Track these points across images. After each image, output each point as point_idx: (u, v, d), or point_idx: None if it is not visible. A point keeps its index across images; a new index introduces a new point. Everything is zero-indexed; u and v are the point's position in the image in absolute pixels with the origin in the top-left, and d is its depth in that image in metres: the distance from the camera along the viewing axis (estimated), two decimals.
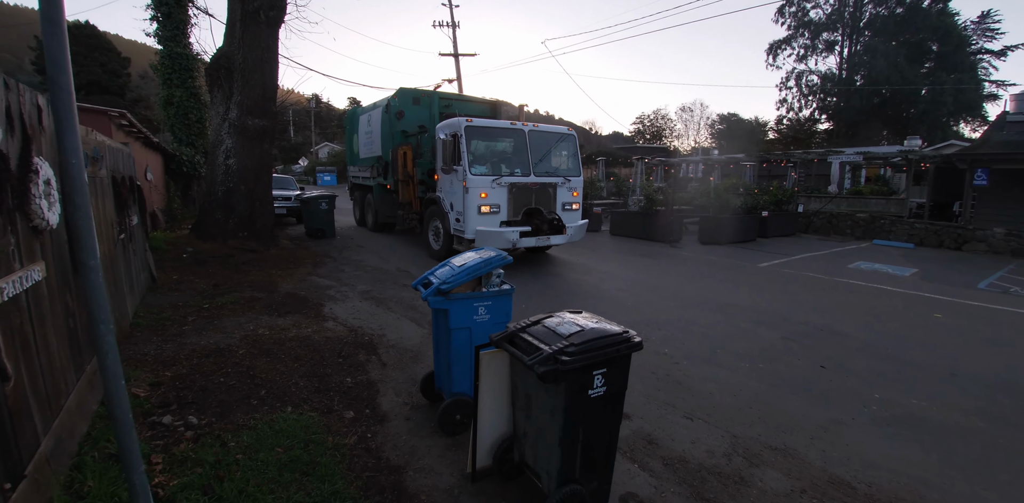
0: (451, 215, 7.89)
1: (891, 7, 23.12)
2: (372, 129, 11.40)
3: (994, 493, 2.63)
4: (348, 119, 13.73)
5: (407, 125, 9.96)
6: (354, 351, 4.27)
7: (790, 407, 3.54)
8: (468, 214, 7.44)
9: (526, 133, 8.00)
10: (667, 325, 5.38)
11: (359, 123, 12.58)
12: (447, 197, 8.06)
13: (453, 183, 7.74)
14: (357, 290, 6.49)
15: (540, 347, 1.94)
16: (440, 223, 8.37)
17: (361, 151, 12.56)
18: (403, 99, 10.16)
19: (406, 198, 9.82)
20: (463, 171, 7.41)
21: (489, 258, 2.78)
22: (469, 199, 7.40)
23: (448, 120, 8.02)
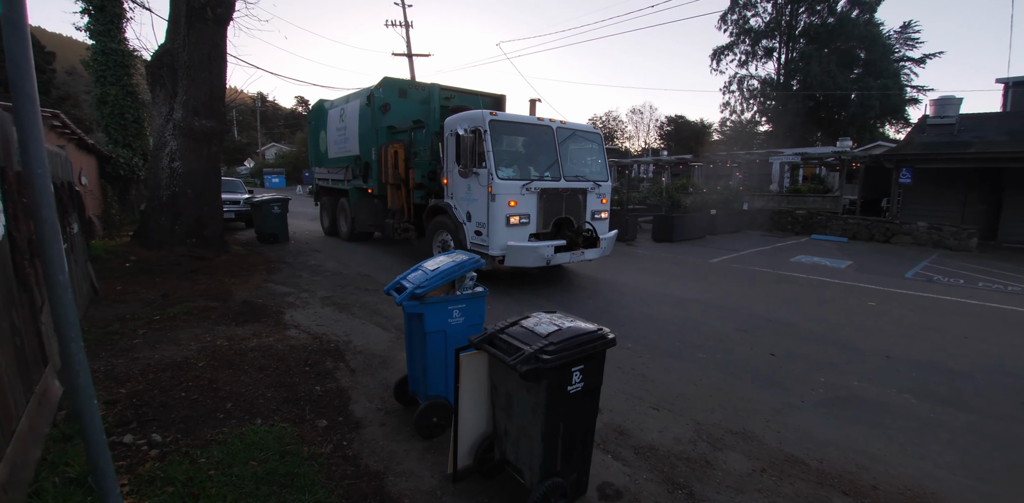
0: (467, 227, 6.71)
1: (823, 17, 24.77)
2: (346, 125, 10.14)
3: (928, 462, 2.92)
4: (313, 114, 12.25)
5: (395, 120, 8.93)
6: (321, 359, 4.18)
7: (746, 393, 3.78)
8: (494, 226, 6.25)
9: (554, 130, 6.91)
10: (629, 321, 5.58)
11: (327, 119, 11.29)
12: (462, 205, 6.83)
13: (472, 189, 6.56)
14: (318, 296, 6.34)
15: (520, 347, 2.01)
16: (450, 236, 7.13)
17: (331, 150, 11.27)
18: (388, 90, 8.98)
19: (396, 204, 8.63)
20: (488, 175, 6.22)
21: (462, 261, 2.82)
22: (496, 208, 6.20)
23: (465, 113, 6.80)
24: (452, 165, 6.81)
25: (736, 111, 33.60)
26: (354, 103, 9.79)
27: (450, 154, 6.87)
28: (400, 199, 8.63)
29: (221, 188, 9.03)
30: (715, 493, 2.55)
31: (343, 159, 10.53)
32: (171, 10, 7.87)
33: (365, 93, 9.27)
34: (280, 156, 47.05)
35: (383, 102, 8.81)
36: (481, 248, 6.50)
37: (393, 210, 8.74)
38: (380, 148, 8.48)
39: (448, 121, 7.01)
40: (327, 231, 12.41)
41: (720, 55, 32.10)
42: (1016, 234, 14.19)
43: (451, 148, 6.81)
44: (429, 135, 7.86)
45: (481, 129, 6.32)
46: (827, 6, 25.04)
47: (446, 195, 7.19)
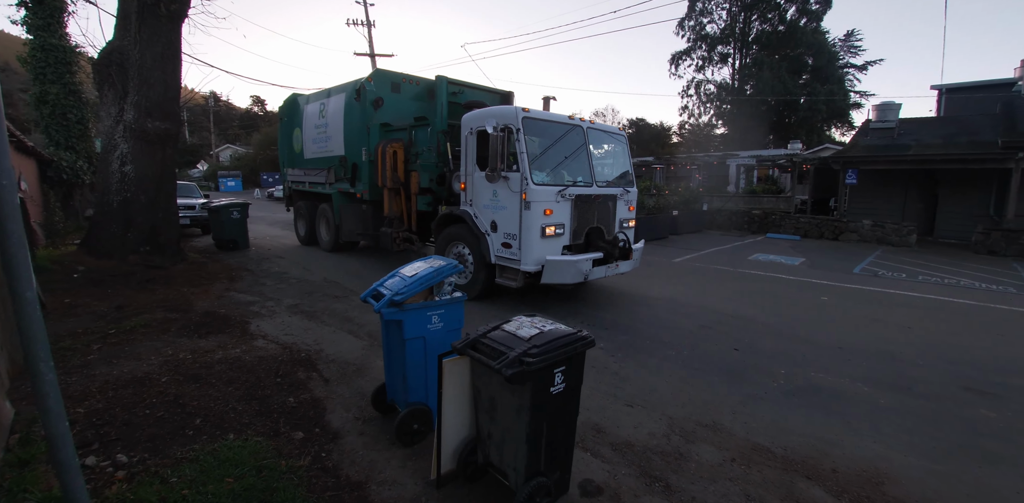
0: (492, 238, 5.99)
1: (774, 24, 26.02)
2: (328, 122, 9.23)
3: (881, 445, 3.14)
4: (286, 110, 11.04)
5: (388, 116, 8.11)
6: (292, 369, 4.09)
7: (714, 387, 3.94)
8: (528, 238, 5.53)
9: (585, 130, 6.32)
10: (599, 320, 5.71)
11: (303, 115, 10.21)
12: (484, 213, 6.07)
13: (499, 195, 5.82)
14: (284, 304, 6.17)
15: (504, 351, 2.05)
16: (467, 248, 6.40)
17: (308, 150, 10.16)
18: (380, 84, 8.11)
19: (395, 211, 7.77)
20: (521, 179, 5.53)
21: (440, 267, 2.83)
22: (530, 218, 5.49)
23: (492, 109, 6.09)
24: (472, 168, 6.13)
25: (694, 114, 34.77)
26: (338, 98, 8.85)
27: (470, 155, 6.15)
28: (399, 205, 7.82)
29: (176, 192, 8.65)
30: (689, 484, 2.66)
31: (324, 160, 9.60)
32: (120, 5, 7.50)
33: (352, 86, 8.38)
34: (236, 158, 45.35)
35: (375, 97, 7.97)
36: (510, 262, 5.80)
37: (391, 217, 7.80)
38: (376, 148, 7.66)
39: (468, 118, 6.24)
40: (303, 240, 11.21)
41: (678, 60, 33.15)
42: (950, 230, 15.29)
43: (471, 149, 6.11)
44: (434, 134, 7.06)
45: (513, 127, 5.58)
46: (777, 14, 26.33)
47: (463, 202, 6.41)
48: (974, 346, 5.22)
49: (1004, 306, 7.12)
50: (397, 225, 7.84)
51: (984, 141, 13.70)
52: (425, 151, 7.30)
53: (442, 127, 7.04)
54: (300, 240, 11.41)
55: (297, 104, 10.60)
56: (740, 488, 2.64)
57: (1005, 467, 2.95)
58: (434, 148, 7.12)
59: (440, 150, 7.01)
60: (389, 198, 7.76)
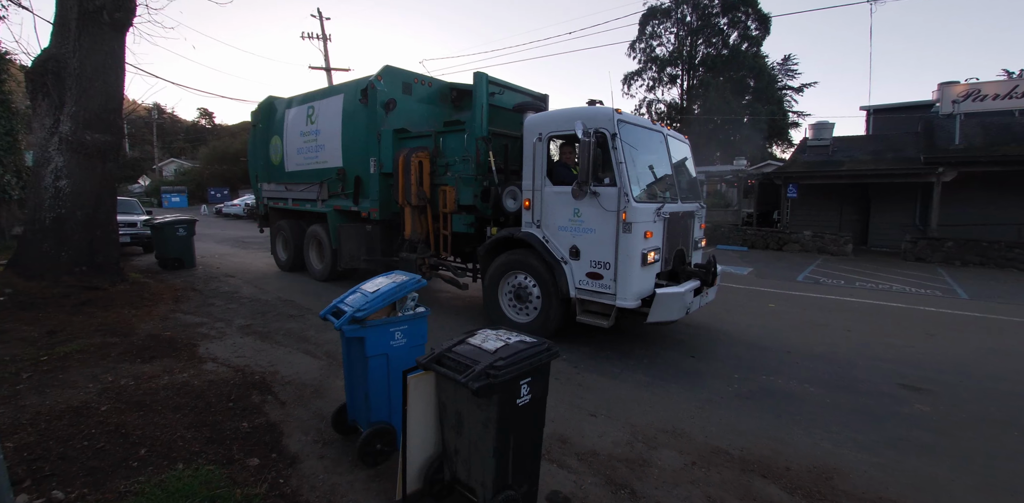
0: (572, 267, 4.96)
1: (718, 48, 27.68)
2: (319, 128, 8.05)
3: (828, 442, 3.32)
4: (261, 115, 9.62)
5: (403, 120, 7.04)
6: (245, 393, 3.91)
7: (672, 393, 4.06)
8: (627, 267, 4.56)
9: (665, 137, 5.60)
10: (560, 332, 5.78)
11: (285, 121, 8.91)
12: (561, 236, 5.02)
13: (583, 214, 4.85)
14: (235, 325, 5.91)
15: (470, 365, 2.05)
16: (531, 278, 5.32)
17: (291, 161, 8.87)
18: (390, 83, 7.02)
19: (420, 232, 6.55)
20: (620, 195, 4.57)
21: (403, 282, 2.82)
22: (630, 242, 4.52)
23: (575, 109, 5.07)
24: (542, 181, 5.17)
25: None
26: (333, 100, 7.75)
27: (538, 166, 5.18)
28: (424, 225, 6.59)
29: (117, 209, 8.17)
30: (654, 489, 2.72)
31: (313, 172, 8.32)
32: (58, 11, 7.11)
33: (354, 86, 7.33)
34: (181, 173, 43.39)
35: (387, 98, 6.88)
36: (599, 297, 4.78)
37: (414, 241, 6.53)
38: (397, 158, 6.44)
39: (535, 121, 5.29)
40: (285, 266, 9.58)
41: (631, 80, 34.53)
42: (882, 240, 16.48)
43: (540, 158, 5.17)
44: (472, 141, 5.96)
45: (608, 132, 4.68)
46: (721, 39, 28.02)
47: (526, 222, 5.34)
48: (907, 346, 5.62)
49: (932, 308, 7.73)
50: (423, 250, 6.53)
51: (908, 157, 14.95)
52: (458, 162, 6.19)
53: (480, 133, 5.91)
54: (280, 266, 9.79)
55: (275, 108, 9.33)
56: (701, 491, 2.72)
57: (939, 456, 3.18)
58: (471, 158, 5.97)
59: (479, 160, 5.90)
60: (413, 217, 6.46)
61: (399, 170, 6.36)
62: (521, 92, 7.03)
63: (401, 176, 6.38)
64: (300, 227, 9.16)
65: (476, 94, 6.07)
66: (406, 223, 6.56)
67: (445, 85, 7.74)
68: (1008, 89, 14.60)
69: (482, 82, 6.06)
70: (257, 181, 10.08)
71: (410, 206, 6.43)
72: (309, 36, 22.92)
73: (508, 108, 6.42)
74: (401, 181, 6.39)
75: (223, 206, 29.15)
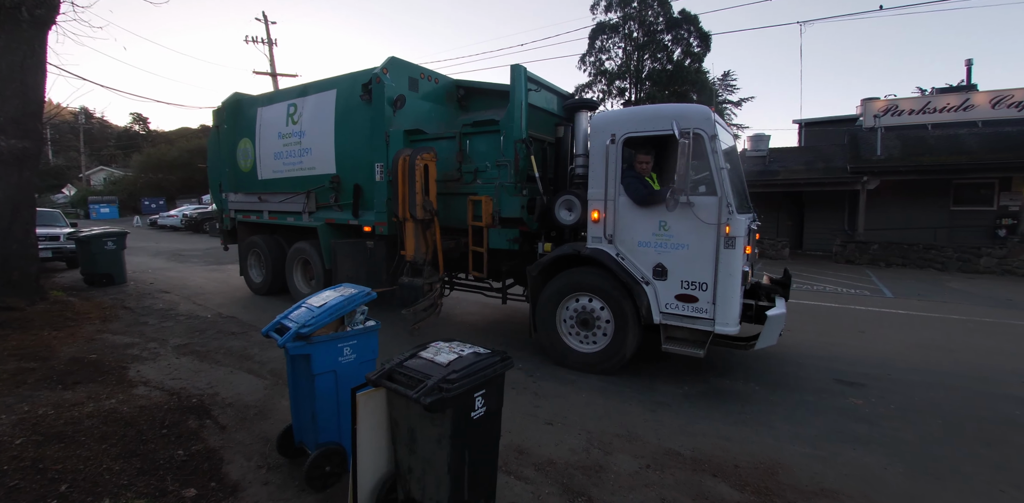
0: (656, 288, 4.37)
1: (663, 63, 28.93)
2: (305, 129, 7.08)
3: (771, 438, 3.47)
4: (225, 115, 8.44)
5: (409, 120, 6.23)
6: (181, 418, 3.65)
7: (626, 397, 4.13)
8: (728, 287, 4.06)
9: (733, 143, 5.13)
10: (515, 342, 5.78)
11: (258, 121, 7.82)
12: (643, 253, 4.43)
13: (671, 227, 4.26)
14: (171, 345, 5.54)
15: (422, 379, 2.00)
16: (599, 302, 4.64)
17: (266, 167, 7.77)
18: (397, 76, 6.21)
19: (423, 252, 5.37)
20: (721, 206, 4.04)
21: (352, 295, 2.72)
22: (732, 259, 4.03)
23: (664, 107, 4.48)
24: (615, 190, 4.51)
25: None
26: (323, 96, 6.80)
27: (612, 173, 4.51)
28: (431, 243, 5.45)
29: (36, 221, 7.51)
30: (610, 495, 2.74)
31: (297, 180, 7.31)
32: None
33: (352, 80, 6.41)
34: (112, 182, 40.60)
35: (396, 94, 6.07)
36: (694, 322, 4.23)
37: (419, 262, 5.33)
38: (396, 162, 5.37)
39: (605, 120, 4.64)
40: (261, 289, 8.29)
41: (581, 92, 35.41)
42: (815, 244, 17.59)
43: (615, 163, 4.49)
44: (511, 144, 5.24)
45: (706, 133, 4.12)
46: (666, 55, 29.24)
47: (596, 237, 4.64)
48: (841, 343, 5.99)
49: (861, 307, 8.29)
50: (430, 273, 5.35)
51: (837, 167, 16.08)
52: (490, 168, 5.47)
53: (520, 135, 5.22)
54: (254, 289, 8.49)
55: (243, 107, 8.19)
56: (656, 493, 2.77)
57: (874, 446, 3.39)
58: (508, 163, 5.27)
59: (518, 167, 5.23)
60: (416, 234, 5.29)
61: (399, 176, 5.30)
62: (552, 90, 6.15)
63: (401, 184, 5.29)
64: (279, 244, 8.00)
65: (514, 90, 5.26)
66: (407, 241, 5.36)
67: (452, 82, 7.02)
68: (921, 105, 16.04)
69: (520, 76, 5.24)
70: (220, 191, 8.79)
71: (413, 220, 5.24)
72: (254, 40, 22.15)
73: (539, 107, 5.69)
74: (401, 190, 5.30)
75: (159, 217, 27.48)
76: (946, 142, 14.87)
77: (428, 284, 5.31)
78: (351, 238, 6.61)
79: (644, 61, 29.48)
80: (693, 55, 29.29)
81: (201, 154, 36.99)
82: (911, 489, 2.88)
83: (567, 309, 4.84)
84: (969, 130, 15.00)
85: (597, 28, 29.57)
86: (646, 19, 28.82)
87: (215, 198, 9.16)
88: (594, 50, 31.33)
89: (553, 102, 6.08)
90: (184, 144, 38.10)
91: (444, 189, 5.73)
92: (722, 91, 34.27)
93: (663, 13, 28.50)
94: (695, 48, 29.23)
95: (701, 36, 28.91)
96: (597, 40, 30.06)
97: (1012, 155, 13.14)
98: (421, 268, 5.29)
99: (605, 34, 29.86)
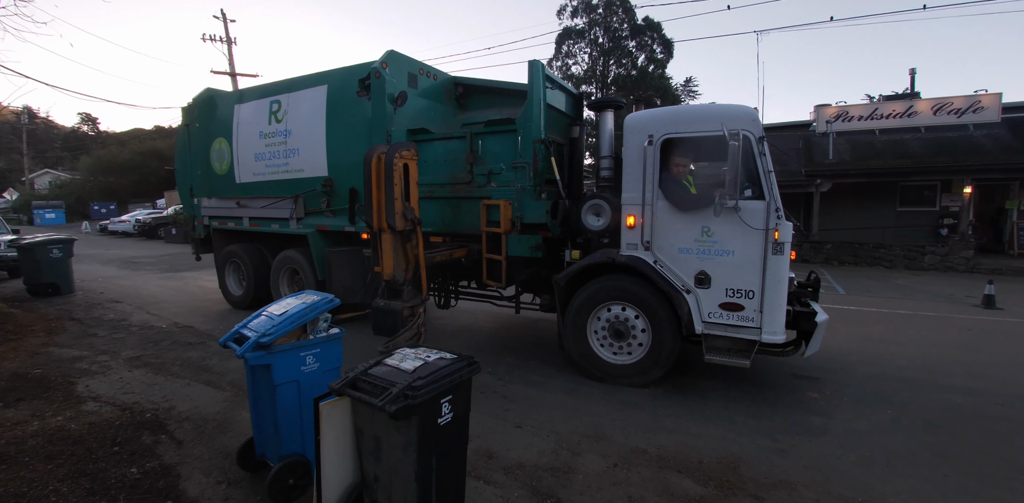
0: (699, 296, 4.21)
1: (628, 69, 29.59)
2: (291, 128, 6.53)
3: (733, 432, 3.58)
4: (197, 113, 7.77)
5: (409, 118, 5.85)
6: (134, 434, 3.49)
7: (595, 397, 4.19)
8: (776, 294, 3.97)
9: None
10: (482, 344, 5.78)
11: (234, 119, 7.20)
12: (684, 260, 4.26)
13: (715, 233, 4.12)
14: (123, 357, 5.29)
15: (387, 387, 1.98)
16: (634, 311, 4.45)
17: (246, 170, 7.15)
18: (396, 71, 5.80)
19: (405, 269, 4.52)
20: (770, 211, 3.94)
21: (314, 302, 2.67)
22: (779, 265, 3.95)
23: (707, 107, 4.39)
24: (653, 194, 4.31)
25: None
26: (312, 92, 6.30)
27: (649, 176, 4.31)
28: (412, 259, 4.56)
29: None
30: (579, 495, 2.77)
31: (283, 184, 6.72)
32: None
33: (345, 75, 5.96)
34: (58, 186, 38.44)
35: (398, 91, 5.56)
36: (740, 331, 4.08)
37: (398, 282, 4.47)
38: (369, 161, 4.40)
39: (645, 119, 4.46)
40: (242, 302, 7.60)
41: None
42: None
43: (652, 166, 4.30)
44: (529, 145, 5.00)
45: (754, 135, 4.00)
46: (630, 61, 29.91)
47: (632, 244, 4.43)
48: None
49: None
50: (411, 295, 4.51)
51: (792, 170, 16.73)
52: (505, 170, 5.18)
53: (539, 135, 5.00)
54: (233, 302, 7.79)
55: (218, 104, 7.54)
56: (623, 491, 2.81)
57: (828, 437, 3.54)
58: (527, 165, 5.02)
59: (537, 169, 5.01)
60: (395, 247, 4.45)
61: (373, 178, 4.38)
62: (564, 89, 5.88)
63: (376, 187, 4.36)
64: (261, 253, 7.39)
65: (532, 88, 5.02)
66: (384, 256, 4.49)
67: (450, 79, 6.67)
68: (870, 111, 16.88)
69: (539, 73, 4.98)
70: (192, 196, 8.06)
71: (391, 231, 4.38)
72: (212, 38, 21.40)
73: (552, 106, 5.42)
74: (376, 195, 4.36)
75: (109, 223, 26.18)
76: (892, 146, 15.72)
77: (409, 308, 4.43)
78: (345, 246, 6.17)
79: (610, 66, 30.07)
80: (657, 61, 30.06)
81: (156, 156, 35.48)
82: (863, 477, 3.02)
83: (599, 319, 4.62)
84: (913, 135, 15.89)
85: (564, 33, 29.97)
86: (611, 25, 29.39)
87: (185, 203, 8.40)
88: (561, 55, 31.73)
89: (563, 100, 5.80)
90: (137, 146, 36.41)
91: (453, 193, 5.49)
92: (685, 97, 35.25)
93: (627, 20, 29.11)
94: (658, 54, 30.00)
95: (664, 43, 29.69)
96: (564, 45, 30.46)
97: (951, 159, 14.00)
98: (401, 289, 4.49)
99: (572, 39, 30.29)
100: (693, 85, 35.76)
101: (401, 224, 4.32)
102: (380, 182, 4.34)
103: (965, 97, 14.90)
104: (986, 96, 14.57)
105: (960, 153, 14.20)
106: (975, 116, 14.71)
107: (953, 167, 13.89)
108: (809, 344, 4.22)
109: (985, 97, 14.57)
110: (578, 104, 6.25)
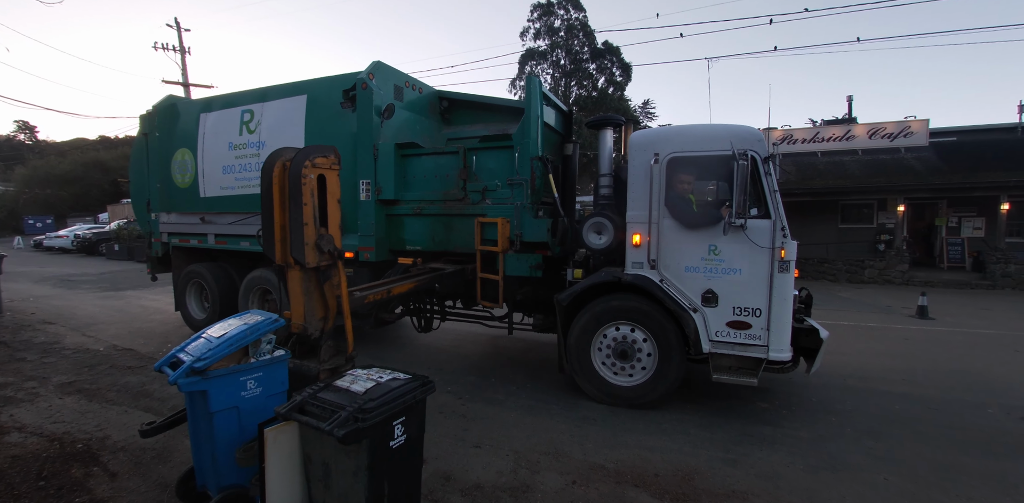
0: (707, 315, 4.19)
1: (589, 90, 30.70)
2: (266, 139, 6.10)
3: (688, 445, 3.64)
4: (157, 121, 7.22)
5: (394, 131, 5.63)
6: (62, 467, 3.23)
7: (554, 414, 4.19)
8: (782, 312, 4.03)
9: None
10: (445, 366, 5.70)
11: (200, 129, 6.75)
12: (691, 279, 4.24)
13: (723, 252, 4.14)
14: (52, 383, 4.91)
15: (337, 410, 1.92)
16: (640, 331, 4.40)
17: (212, 183, 6.67)
18: (383, 82, 5.60)
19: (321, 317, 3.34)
20: (775, 229, 4.02)
21: (256, 323, 2.56)
22: (785, 284, 4.04)
23: (715, 126, 4.42)
24: (660, 213, 4.31)
25: None
26: (290, 102, 5.96)
27: (656, 194, 4.32)
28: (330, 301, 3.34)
29: None
30: None
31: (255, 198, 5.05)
32: None
33: (328, 85, 5.72)
34: None
35: (385, 102, 5.47)
36: (747, 350, 4.09)
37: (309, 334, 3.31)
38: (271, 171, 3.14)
39: (651, 137, 4.55)
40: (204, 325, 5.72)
41: None
42: None
43: (659, 184, 4.32)
44: (526, 161, 4.94)
45: (759, 155, 4.10)
46: (591, 83, 30.99)
47: (637, 262, 4.39)
48: None
49: None
50: (330, 351, 3.35)
51: None
52: (500, 187, 5.08)
53: (537, 152, 4.98)
54: (195, 326, 7.12)
55: (181, 112, 7.06)
56: None
57: (778, 446, 3.65)
58: (524, 182, 4.93)
59: (534, 186, 4.96)
60: (304, 289, 3.24)
61: (275, 195, 3.15)
62: (556, 106, 5.85)
63: (278, 207, 3.15)
64: (227, 273, 6.91)
65: (530, 104, 4.97)
66: (292, 299, 3.28)
67: (434, 92, 6.51)
68: (812, 135, 17.98)
69: (535, 89, 4.97)
70: (149, 210, 7.47)
71: (300, 268, 3.17)
72: (164, 47, 20.71)
73: (546, 123, 5.41)
74: (279, 217, 3.16)
75: (45, 238, 24.48)
76: (833, 168, 16.76)
77: (327, 371, 3.17)
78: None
79: (571, 87, 30.98)
80: (616, 84, 31.19)
81: (100, 168, 33.71)
82: (810, 484, 3.13)
83: (604, 338, 4.53)
84: (851, 157, 17.02)
85: (527, 54, 30.73)
86: (572, 48, 30.38)
87: (141, 219, 7.81)
88: (524, 74, 32.50)
89: (555, 118, 5.77)
90: (79, 157, 34.52)
91: (444, 209, 5.34)
92: (643, 118, 36.66)
93: (588, 43, 30.17)
94: (618, 77, 31.16)
95: (623, 66, 30.88)
96: (527, 65, 31.20)
97: (885, 179, 15.06)
98: (317, 343, 3.34)
99: (534, 60, 31.08)
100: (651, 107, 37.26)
101: (314, 259, 3.13)
102: (283, 201, 3.17)
103: (896, 122, 16.12)
104: (915, 122, 15.83)
105: (893, 174, 15.30)
106: (906, 140, 15.92)
107: (887, 187, 14.92)
108: (814, 361, 4.32)
109: (915, 123, 15.82)
110: (568, 121, 6.28)
